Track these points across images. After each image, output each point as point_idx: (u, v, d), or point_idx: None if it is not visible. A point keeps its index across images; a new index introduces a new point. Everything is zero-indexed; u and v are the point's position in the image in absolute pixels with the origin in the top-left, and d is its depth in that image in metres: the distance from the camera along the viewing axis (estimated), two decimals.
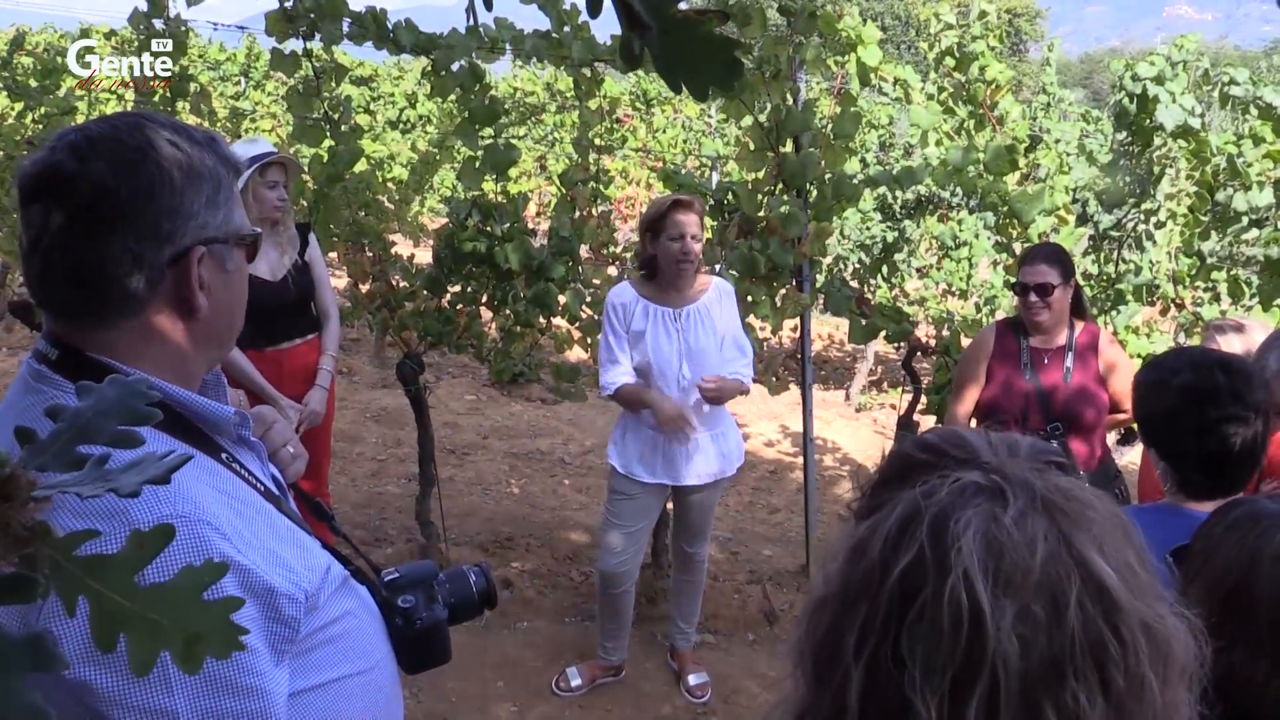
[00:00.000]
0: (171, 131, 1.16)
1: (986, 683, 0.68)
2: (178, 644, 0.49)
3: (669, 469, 3.69)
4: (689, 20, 0.42)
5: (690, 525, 3.91)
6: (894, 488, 0.80)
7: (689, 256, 3.51)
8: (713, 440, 3.73)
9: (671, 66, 0.43)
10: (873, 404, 9.06)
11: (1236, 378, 1.89)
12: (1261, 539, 1.27)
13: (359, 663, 1.29)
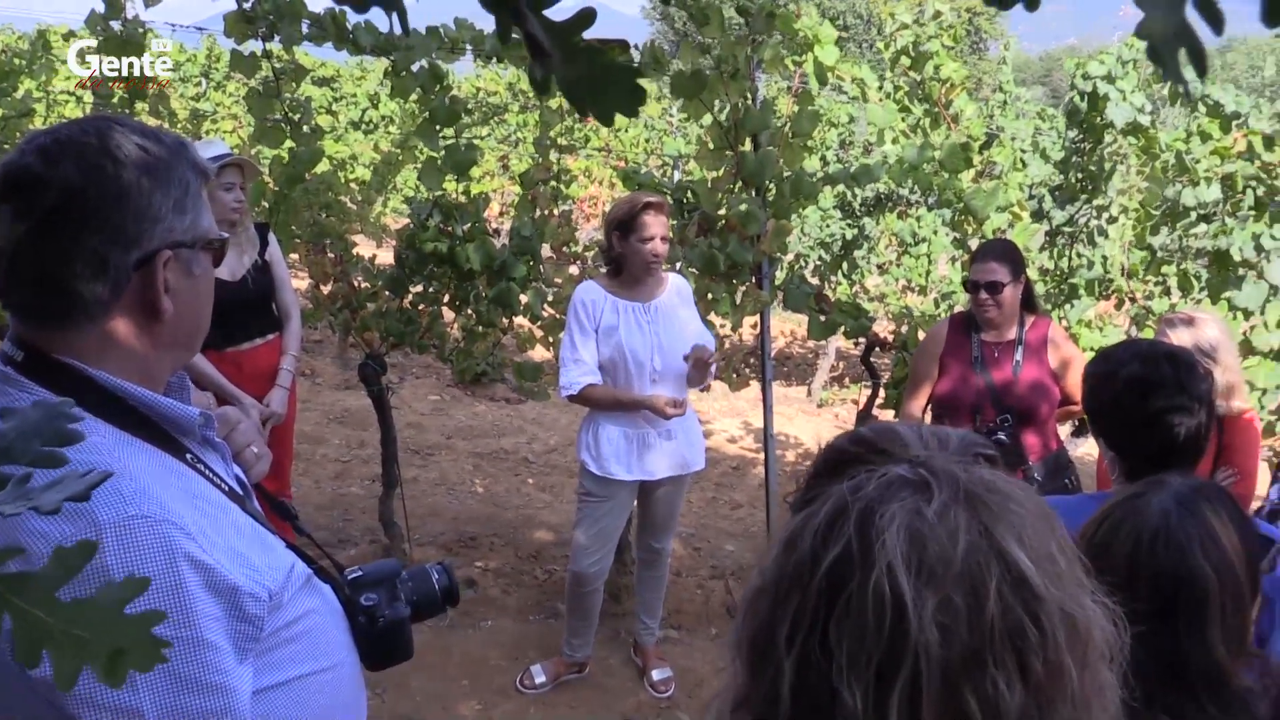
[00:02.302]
0: (140, 135, 1.17)
1: (909, 671, 0.70)
2: (101, 659, 0.49)
3: (643, 464, 3.73)
4: (592, 49, 0.45)
5: (657, 521, 3.95)
6: (827, 481, 0.81)
7: (659, 258, 3.56)
8: (682, 430, 3.78)
9: (577, 93, 0.46)
10: (834, 399, 9.14)
11: (1182, 369, 1.94)
12: (1143, 517, 1.33)
13: (322, 660, 1.31)
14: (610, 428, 3.70)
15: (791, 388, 10.22)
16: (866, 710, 0.71)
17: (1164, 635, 1.29)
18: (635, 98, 0.46)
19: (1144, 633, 1.27)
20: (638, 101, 0.46)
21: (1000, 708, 0.70)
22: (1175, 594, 1.31)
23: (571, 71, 0.44)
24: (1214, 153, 4.54)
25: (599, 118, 0.46)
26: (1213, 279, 4.65)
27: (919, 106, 4.52)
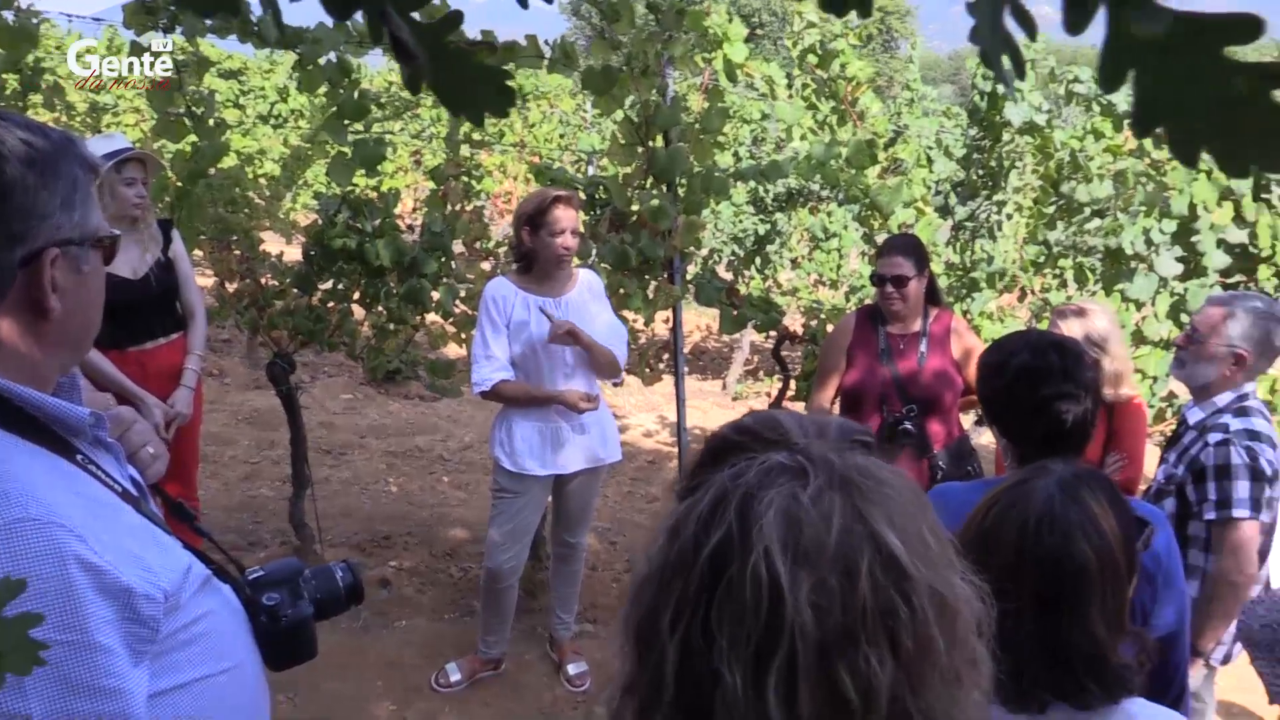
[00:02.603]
0: (25, 130, 1.14)
1: (786, 650, 0.72)
2: None
3: (557, 458, 3.73)
4: (461, 52, 0.46)
5: (572, 515, 3.95)
6: (710, 470, 0.83)
7: (569, 252, 3.57)
8: (596, 424, 3.79)
9: (448, 95, 0.47)
10: (749, 393, 9.25)
11: (1069, 358, 2.01)
12: (1026, 504, 1.38)
13: (222, 662, 1.29)
14: (523, 423, 3.70)
15: (707, 381, 10.31)
16: (746, 690, 0.73)
17: (1049, 617, 1.34)
18: (504, 99, 0.47)
19: (1031, 614, 1.34)
20: (507, 102, 0.47)
21: (872, 683, 0.73)
22: (1059, 577, 1.36)
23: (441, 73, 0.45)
24: (1106, 150, 4.71)
25: (470, 118, 0.47)
26: (1106, 272, 4.83)
27: (826, 104, 4.60)
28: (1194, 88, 0.39)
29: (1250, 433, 2.75)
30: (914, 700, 0.75)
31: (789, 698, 0.73)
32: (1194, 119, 0.41)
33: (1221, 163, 0.42)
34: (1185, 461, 2.86)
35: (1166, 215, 4.64)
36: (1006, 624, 1.33)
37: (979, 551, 1.34)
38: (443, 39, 0.44)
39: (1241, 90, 0.39)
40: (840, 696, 0.73)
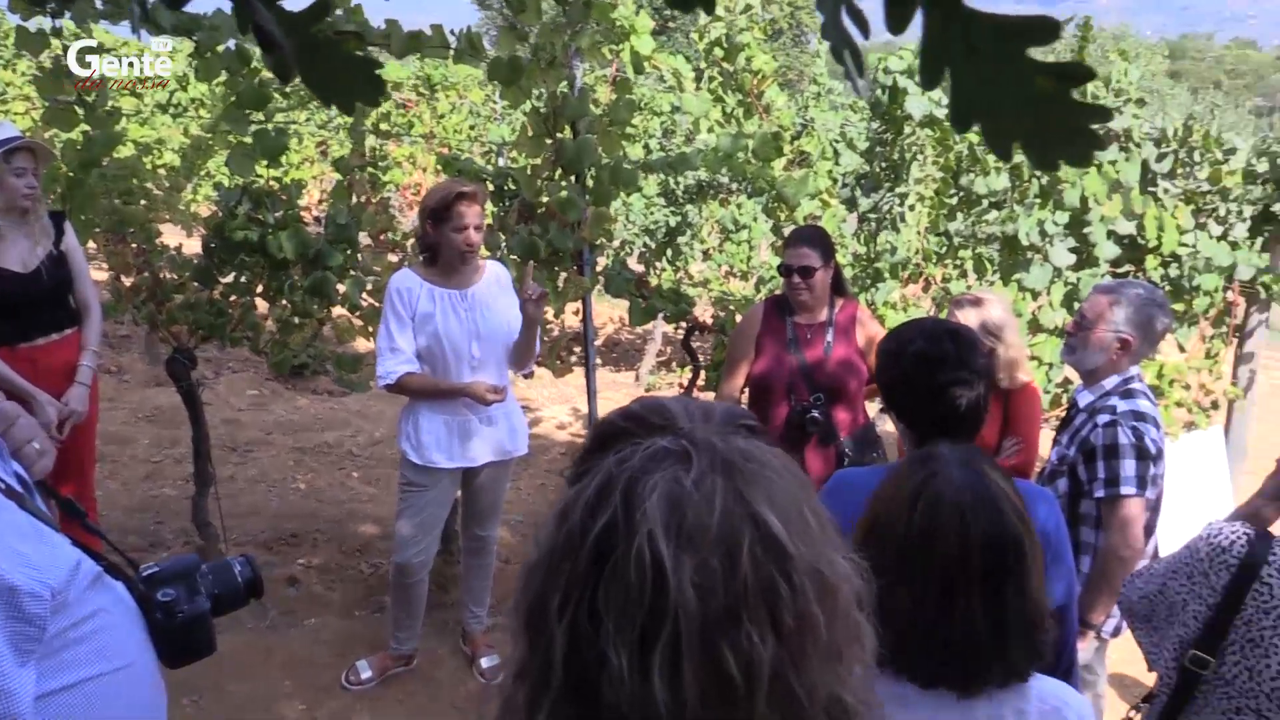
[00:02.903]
0: None
1: (670, 631, 0.74)
2: None
3: (465, 451, 3.71)
4: (329, 41, 0.46)
5: (482, 508, 3.94)
6: (599, 456, 0.85)
7: (473, 248, 3.55)
8: (504, 416, 3.78)
9: (317, 84, 0.47)
10: (661, 384, 9.30)
11: (962, 345, 2.07)
12: (926, 487, 1.43)
13: (114, 661, 1.26)
14: (430, 416, 3.67)
15: (620, 373, 10.33)
16: (632, 672, 0.75)
17: (996, 595, 1.39)
18: (374, 88, 0.47)
19: (979, 596, 1.38)
20: (377, 91, 0.47)
21: (754, 659, 0.75)
22: (1003, 552, 1.40)
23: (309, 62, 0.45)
24: None
25: (341, 108, 0.48)
26: (1004, 262, 4.98)
27: (732, 97, 4.65)
28: (1002, 87, 0.42)
29: (1136, 414, 2.86)
30: (796, 676, 0.78)
31: (674, 678, 0.75)
32: (1004, 116, 0.43)
33: (1032, 157, 0.45)
34: (1076, 443, 2.97)
35: (1060, 207, 4.80)
36: (954, 610, 1.38)
37: (917, 549, 1.38)
38: (310, 28, 0.44)
39: (1044, 89, 0.41)
40: (724, 675, 0.75)
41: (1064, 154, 0.43)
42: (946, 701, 1.42)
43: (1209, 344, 5.79)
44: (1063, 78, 0.41)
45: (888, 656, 1.41)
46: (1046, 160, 0.44)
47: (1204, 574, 1.70)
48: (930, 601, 1.38)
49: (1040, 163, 0.44)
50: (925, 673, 1.41)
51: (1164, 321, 2.96)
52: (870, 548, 1.41)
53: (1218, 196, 5.31)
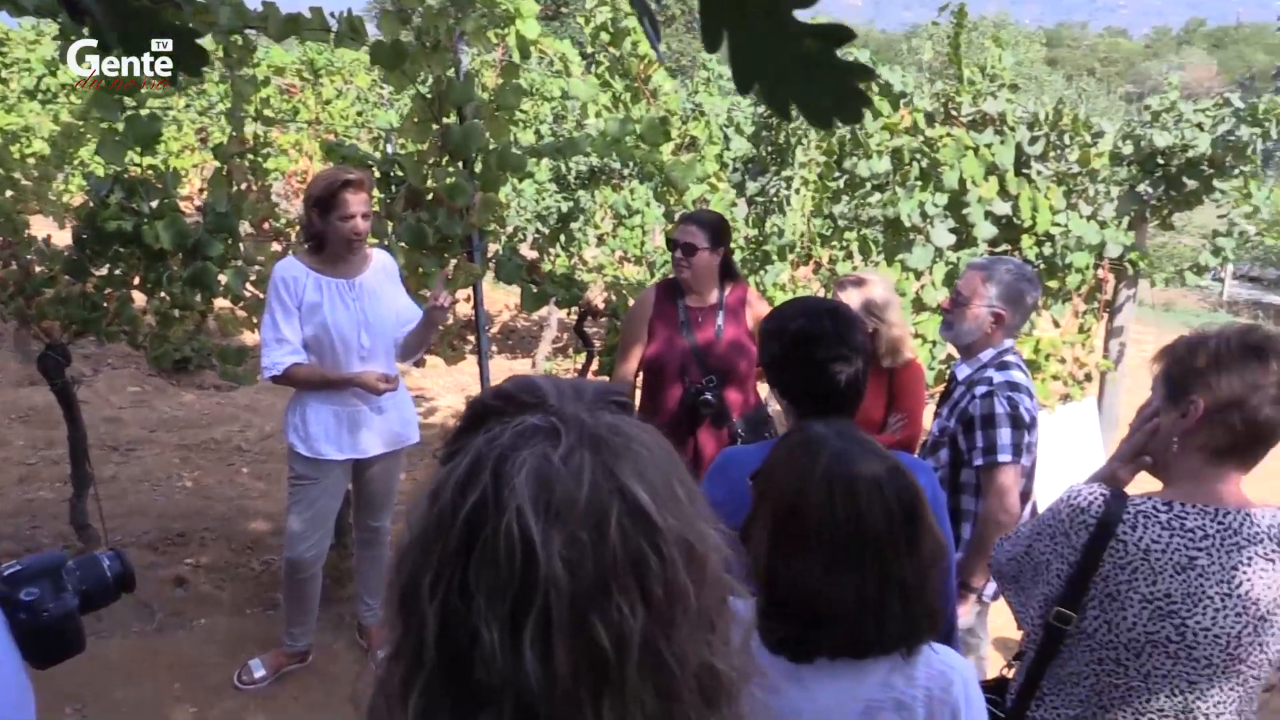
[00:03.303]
0: None
1: (540, 605, 0.75)
2: None
3: (355, 442, 3.65)
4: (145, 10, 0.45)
5: (374, 499, 3.89)
6: (470, 435, 0.85)
7: (360, 236, 3.48)
8: (394, 406, 3.73)
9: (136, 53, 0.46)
10: (558, 370, 9.28)
11: (841, 323, 2.13)
12: (811, 461, 1.47)
13: None
14: (319, 407, 3.60)
15: (517, 360, 10.28)
16: (503, 646, 0.75)
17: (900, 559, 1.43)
18: (196, 58, 0.46)
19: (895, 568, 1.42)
20: (200, 62, 0.46)
21: (624, 630, 0.76)
22: (914, 520, 1.45)
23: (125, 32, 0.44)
24: (884, 128, 4.97)
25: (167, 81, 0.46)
26: (888, 243, 5.11)
27: (620, 81, 4.65)
28: (774, 48, 0.44)
29: (1011, 384, 2.98)
30: (667, 645, 0.79)
31: (545, 652, 0.75)
32: (779, 77, 0.45)
33: (808, 115, 0.47)
34: (956, 414, 3.07)
35: (939, 189, 4.95)
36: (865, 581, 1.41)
37: (847, 531, 1.41)
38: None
39: (811, 50, 0.43)
40: (595, 646, 0.76)
41: (837, 112, 0.45)
42: (843, 670, 1.46)
43: (1082, 319, 6.05)
44: (827, 38, 0.43)
45: (792, 635, 1.46)
46: (822, 118, 0.46)
47: (1065, 534, 1.79)
48: (842, 575, 1.41)
49: (816, 120, 0.46)
50: (824, 645, 1.45)
51: (1034, 295, 3.09)
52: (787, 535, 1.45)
53: (1087, 178, 5.54)
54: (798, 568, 1.43)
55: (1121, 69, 73.39)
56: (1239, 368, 1.66)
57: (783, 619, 1.47)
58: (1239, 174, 5.63)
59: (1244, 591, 1.68)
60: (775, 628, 1.47)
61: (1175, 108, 5.66)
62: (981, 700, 1.52)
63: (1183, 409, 1.72)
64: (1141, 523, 1.71)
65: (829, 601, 1.42)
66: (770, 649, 1.47)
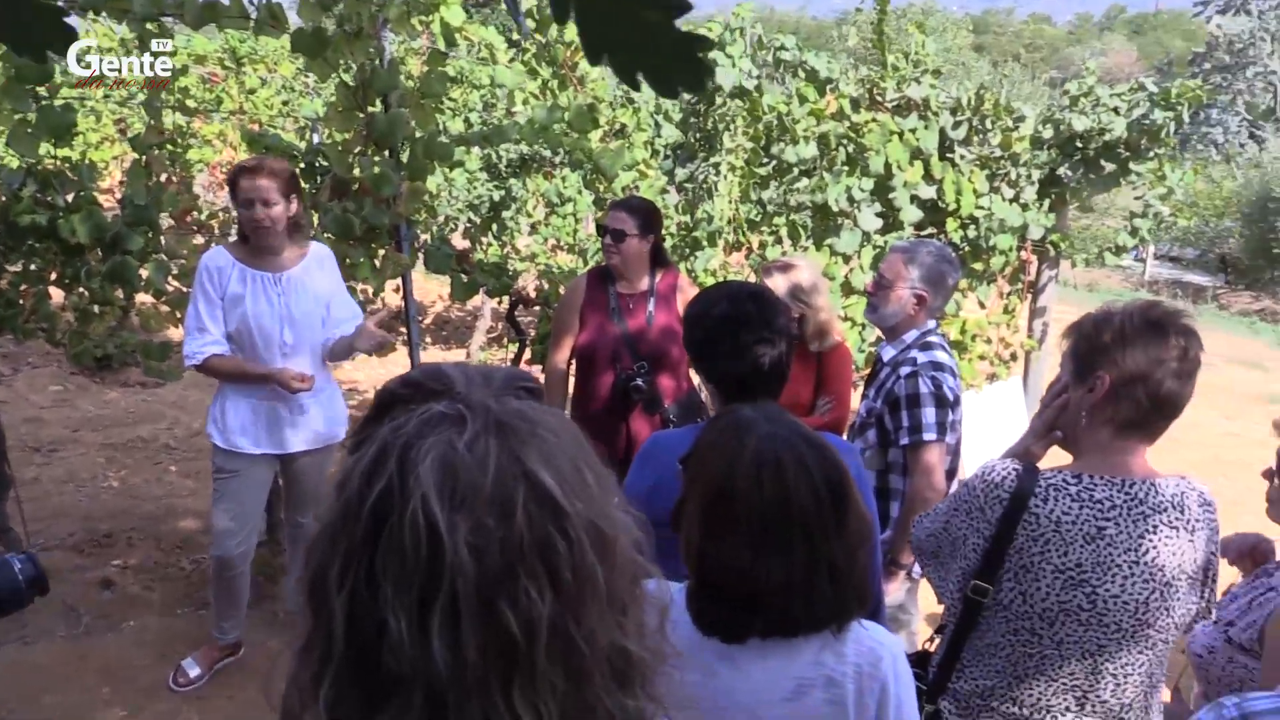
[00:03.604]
0: None
1: (448, 592, 0.75)
2: None
3: (274, 437, 3.60)
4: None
5: (302, 495, 3.83)
6: (377, 424, 0.85)
7: (261, 222, 3.42)
8: (317, 404, 3.68)
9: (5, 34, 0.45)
10: (493, 359, 9.24)
11: (764, 306, 2.15)
12: (739, 444, 1.49)
13: None
14: (238, 400, 3.56)
15: (452, 350, 10.21)
16: (411, 634, 0.76)
17: (828, 539, 1.45)
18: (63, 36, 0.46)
19: (826, 545, 1.44)
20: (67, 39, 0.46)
21: (533, 615, 0.77)
22: (842, 499, 1.47)
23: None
24: (811, 114, 5.02)
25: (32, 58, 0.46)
26: (817, 228, 5.17)
27: (547, 69, 4.64)
28: (618, 20, 0.45)
29: (934, 364, 3.04)
30: (577, 628, 0.80)
31: (453, 638, 0.76)
32: (625, 48, 0.46)
33: (655, 85, 0.48)
34: (882, 395, 3.13)
35: (865, 174, 5.01)
36: (793, 561, 1.43)
37: (776, 513, 1.42)
38: None
39: (652, 20, 0.45)
40: (503, 631, 0.77)
41: (681, 80, 0.47)
42: (774, 649, 1.48)
43: (1006, 300, 6.17)
44: (667, 8, 0.44)
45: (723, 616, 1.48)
46: (668, 88, 0.48)
47: (980, 509, 1.83)
48: (772, 556, 1.43)
49: (663, 91, 0.48)
50: (755, 626, 1.47)
51: (954, 277, 3.15)
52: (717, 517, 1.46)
53: (1009, 161, 5.65)
54: (728, 550, 1.44)
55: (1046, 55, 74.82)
56: (1142, 343, 1.72)
57: (714, 601, 1.49)
58: (1154, 157, 5.78)
59: (1151, 559, 1.74)
60: (707, 610, 1.49)
61: (1093, 92, 5.78)
62: (910, 674, 1.56)
63: (1090, 384, 1.77)
64: (1052, 495, 1.77)
65: (759, 582, 1.43)
66: (703, 631, 1.49)
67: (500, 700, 0.78)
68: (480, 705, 0.78)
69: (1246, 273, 25.03)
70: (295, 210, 3.51)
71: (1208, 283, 25.72)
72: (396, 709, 0.78)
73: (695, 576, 1.51)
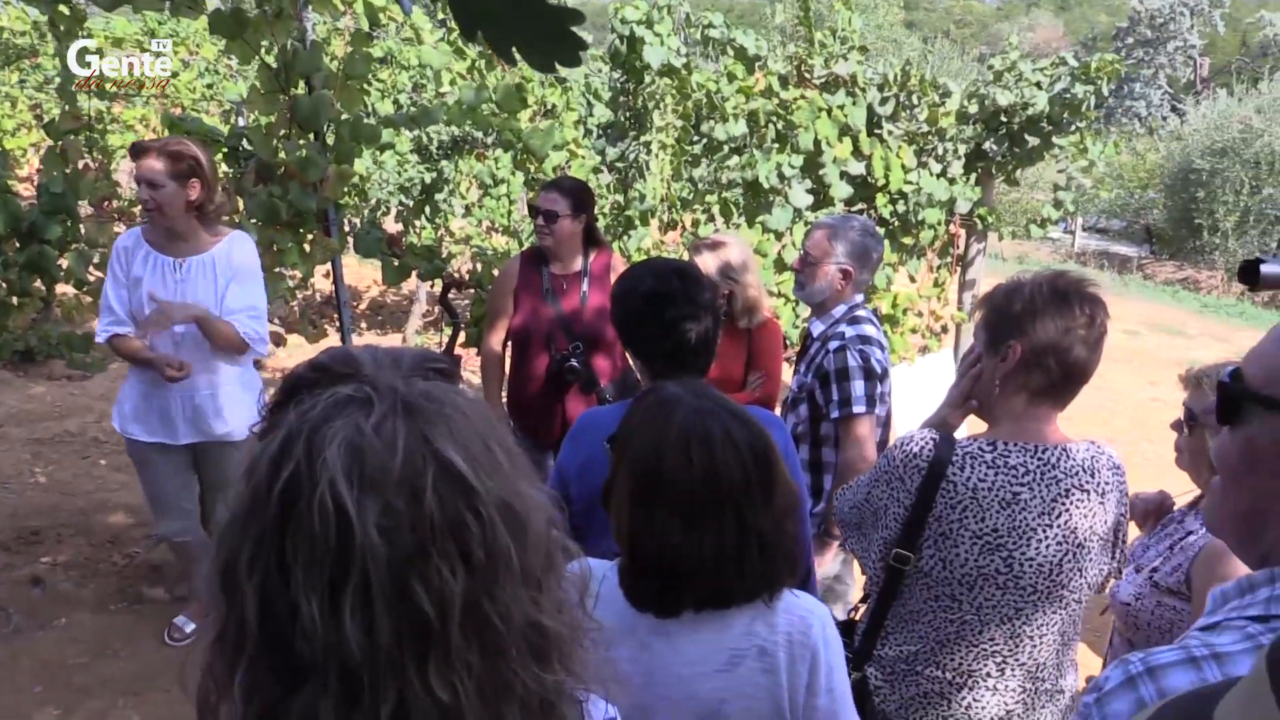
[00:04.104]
0: None
1: (359, 574, 0.76)
2: None
3: (167, 427, 3.56)
4: None
5: (213, 487, 3.78)
6: (285, 409, 0.85)
7: (147, 204, 3.36)
8: (211, 399, 3.60)
9: None
10: (429, 344, 9.17)
11: (689, 282, 2.17)
12: (666, 420, 1.50)
13: None
14: (134, 384, 3.56)
15: (387, 335, 10.10)
16: (323, 617, 0.76)
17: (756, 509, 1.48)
18: None
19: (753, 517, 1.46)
20: None
21: (446, 593, 0.78)
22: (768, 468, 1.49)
23: None
24: (740, 91, 5.04)
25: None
26: (748, 205, 5.20)
27: (474, 49, 4.59)
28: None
29: (862, 338, 3.07)
30: (491, 605, 0.81)
31: (367, 620, 0.77)
32: (498, 24, 0.47)
33: (528, 60, 0.49)
34: (812, 370, 3.16)
35: (795, 151, 5.05)
36: (724, 532, 1.45)
37: (704, 487, 1.44)
38: None
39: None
40: (416, 610, 0.77)
41: (556, 55, 0.47)
42: (708, 621, 1.51)
43: (936, 274, 6.28)
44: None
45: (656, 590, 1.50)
46: (544, 63, 0.48)
47: (900, 479, 1.88)
48: (702, 529, 1.45)
49: (538, 65, 0.49)
50: (688, 598, 1.49)
51: (879, 250, 3.19)
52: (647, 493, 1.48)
53: (935, 137, 5.73)
54: (658, 524, 1.46)
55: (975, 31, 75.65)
56: (1051, 313, 1.77)
57: (646, 576, 1.51)
58: (1076, 130, 5.91)
59: (1064, 522, 1.80)
60: (640, 585, 1.51)
61: (1016, 67, 5.89)
62: (839, 642, 1.59)
63: (1002, 354, 1.82)
64: (969, 463, 1.81)
65: (690, 555, 1.45)
66: (636, 607, 1.51)
67: (416, 679, 0.78)
68: (396, 685, 0.78)
69: (1170, 243, 25.67)
70: (197, 195, 3.40)
71: (1134, 253, 26.34)
72: (311, 693, 0.78)
73: (627, 553, 1.53)
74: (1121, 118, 37.15)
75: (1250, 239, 22.39)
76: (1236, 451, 0.96)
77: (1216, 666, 0.87)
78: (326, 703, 0.78)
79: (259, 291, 3.61)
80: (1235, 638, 0.89)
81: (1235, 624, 0.90)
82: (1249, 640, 0.88)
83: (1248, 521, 0.96)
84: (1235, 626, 0.90)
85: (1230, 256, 22.11)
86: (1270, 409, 0.91)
